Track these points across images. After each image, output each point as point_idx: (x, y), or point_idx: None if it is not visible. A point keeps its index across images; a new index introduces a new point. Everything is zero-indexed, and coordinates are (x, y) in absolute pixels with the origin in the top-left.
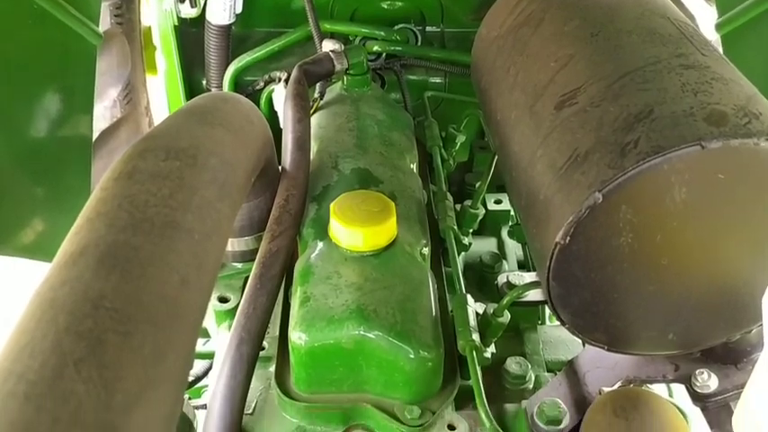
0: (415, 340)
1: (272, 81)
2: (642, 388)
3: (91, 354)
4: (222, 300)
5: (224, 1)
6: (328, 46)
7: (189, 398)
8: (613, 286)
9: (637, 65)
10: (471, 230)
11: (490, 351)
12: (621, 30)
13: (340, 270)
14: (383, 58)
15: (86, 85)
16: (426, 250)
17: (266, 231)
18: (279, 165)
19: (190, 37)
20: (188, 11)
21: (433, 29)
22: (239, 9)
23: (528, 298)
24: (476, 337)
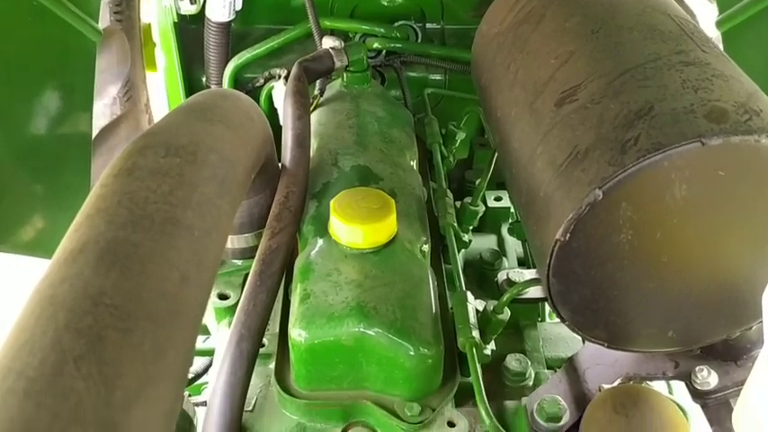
0: (415, 337)
1: (272, 78)
2: (642, 385)
3: (91, 351)
4: (222, 297)
5: None
6: (328, 43)
7: (189, 395)
8: (613, 283)
9: (637, 62)
10: (471, 227)
11: (490, 348)
12: (622, 26)
13: (340, 267)
14: (383, 55)
15: (86, 83)
16: (426, 247)
17: (266, 228)
18: (279, 162)
19: (189, 34)
20: (188, 8)
21: (434, 26)
22: (239, 6)
23: (528, 295)
24: (476, 335)
